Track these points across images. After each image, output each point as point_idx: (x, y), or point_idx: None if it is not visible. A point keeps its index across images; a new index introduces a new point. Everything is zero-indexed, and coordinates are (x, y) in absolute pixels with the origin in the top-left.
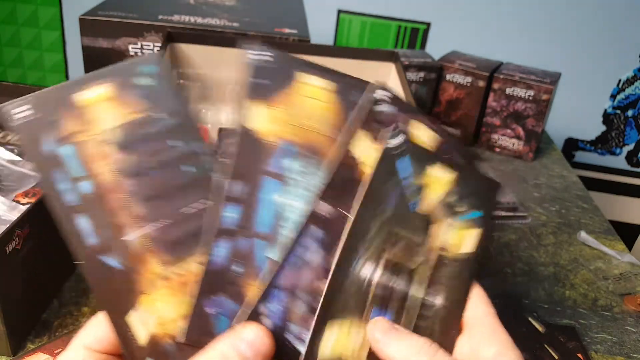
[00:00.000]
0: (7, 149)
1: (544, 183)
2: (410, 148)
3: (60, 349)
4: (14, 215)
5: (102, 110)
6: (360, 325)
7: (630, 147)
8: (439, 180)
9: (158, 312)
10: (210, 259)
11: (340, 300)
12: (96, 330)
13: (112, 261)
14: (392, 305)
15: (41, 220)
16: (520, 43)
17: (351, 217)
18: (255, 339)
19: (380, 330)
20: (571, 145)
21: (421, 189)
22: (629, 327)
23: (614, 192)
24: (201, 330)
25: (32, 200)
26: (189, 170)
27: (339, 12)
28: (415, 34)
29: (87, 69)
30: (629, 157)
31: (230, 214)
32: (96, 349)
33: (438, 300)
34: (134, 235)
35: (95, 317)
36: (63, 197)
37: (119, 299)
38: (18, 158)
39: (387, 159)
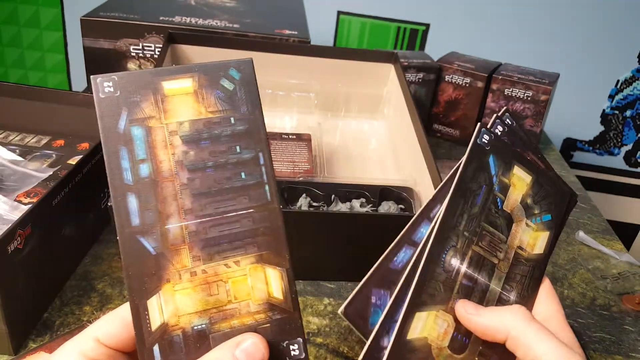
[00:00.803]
0: (9, 149)
1: None
2: (501, 146)
3: None
4: (15, 215)
5: (181, 102)
6: (446, 313)
7: (629, 147)
8: (521, 181)
9: (176, 304)
10: (395, 258)
11: (430, 287)
12: (109, 325)
13: (149, 244)
14: (474, 296)
15: (43, 220)
16: (518, 44)
17: (443, 208)
18: (250, 346)
19: (471, 306)
20: (569, 146)
21: (507, 188)
22: (627, 327)
23: (612, 192)
24: (359, 311)
25: (34, 200)
26: (243, 176)
27: (339, 13)
28: (415, 35)
29: (89, 70)
30: (627, 157)
31: (424, 230)
32: (105, 343)
33: (512, 296)
34: (175, 225)
35: (110, 312)
36: (123, 174)
37: (146, 281)
38: (20, 158)
39: (478, 154)
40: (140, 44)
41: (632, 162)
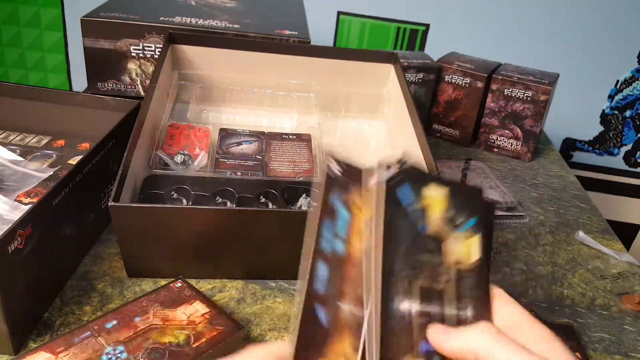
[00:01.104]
0: (10, 149)
1: (542, 183)
2: (405, 174)
3: (62, 348)
4: (16, 215)
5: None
6: (414, 358)
7: (628, 147)
8: (436, 199)
9: None
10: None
11: (392, 341)
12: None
13: (321, 313)
14: None
15: (43, 220)
16: (518, 44)
17: (378, 258)
18: (280, 350)
19: (439, 331)
20: (569, 146)
21: (424, 211)
22: (626, 326)
23: (611, 192)
24: None
25: (34, 200)
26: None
27: (339, 13)
28: (415, 35)
29: (89, 70)
30: (627, 157)
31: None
32: None
33: (469, 312)
34: (347, 308)
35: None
36: (320, 241)
37: (304, 346)
38: (20, 158)
39: (390, 191)
40: (141, 44)
41: (632, 162)
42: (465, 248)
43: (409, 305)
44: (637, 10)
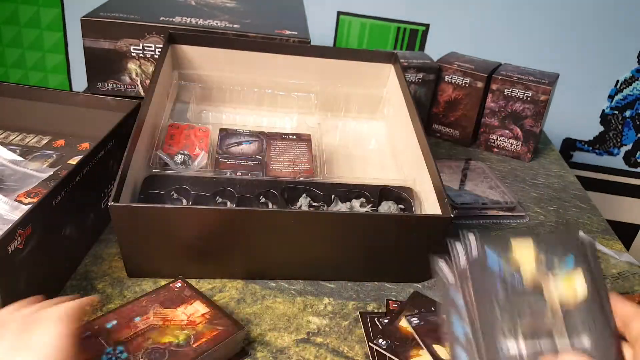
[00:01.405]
0: (10, 149)
1: (541, 183)
2: (486, 240)
3: None
4: (16, 215)
5: None
6: None
7: (628, 147)
8: (525, 249)
9: None
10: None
11: None
12: None
13: None
14: None
15: (43, 220)
16: (518, 44)
17: (476, 315)
18: None
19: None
20: (569, 146)
21: (514, 265)
22: None
23: (611, 192)
24: None
25: (34, 200)
26: None
27: (339, 13)
28: (415, 35)
29: (89, 70)
30: (627, 157)
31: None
32: None
33: (585, 343)
34: None
35: None
36: (452, 328)
37: None
38: (20, 158)
39: (474, 262)
40: (141, 44)
41: (632, 162)
42: (568, 286)
43: (516, 348)
44: (637, 10)
